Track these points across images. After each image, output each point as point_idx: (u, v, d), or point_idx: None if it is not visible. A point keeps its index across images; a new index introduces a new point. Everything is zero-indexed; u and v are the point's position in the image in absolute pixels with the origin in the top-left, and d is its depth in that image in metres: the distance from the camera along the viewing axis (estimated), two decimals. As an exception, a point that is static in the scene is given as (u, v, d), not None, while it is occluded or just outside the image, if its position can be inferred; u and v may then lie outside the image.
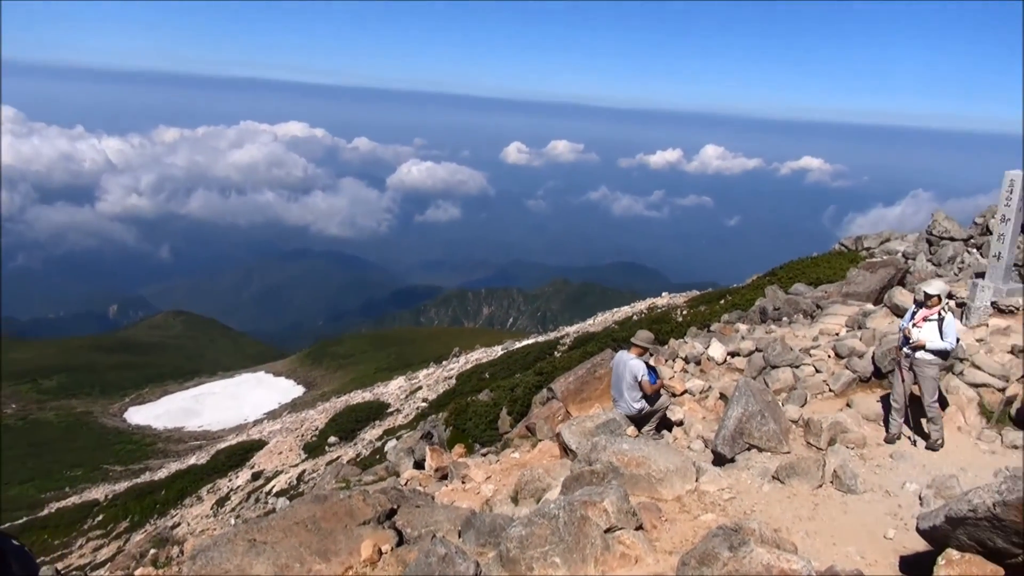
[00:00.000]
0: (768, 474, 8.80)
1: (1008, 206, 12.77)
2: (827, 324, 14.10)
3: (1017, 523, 5.84)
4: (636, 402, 10.40)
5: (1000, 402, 10.73)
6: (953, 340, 9.76)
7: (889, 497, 8.62)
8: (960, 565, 6.05)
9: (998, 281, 13.19)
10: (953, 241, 24.37)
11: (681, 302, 37.00)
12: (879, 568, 7.06)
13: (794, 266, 28.76)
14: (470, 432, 22.18)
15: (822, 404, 11.29)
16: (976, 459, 9.74)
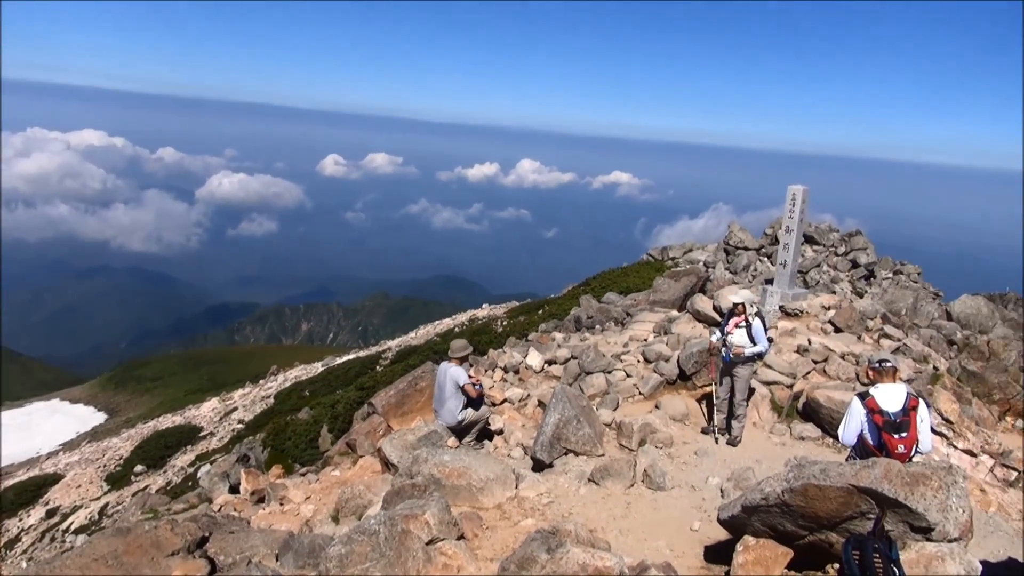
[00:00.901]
0: (584, 477, 9.11)
1: (792, 218, 13.95)
2: (636, 331, 14.81)
3: (803, 507, 6.38)
4: (459, 412, 10.47)
5: (789, 398, 11.68)
6: (764, 343, 10.35)
7: (694, 492, 9.16)
8: (756, 550, 6.52)
9: (784, 287, 14.38)
10: (747, 250, 26.32)
11: (501, 313, 37.64)
12: (686, 559, 7.47)
13: (606, 276, 29.99)
14: (289, 452, 21.50)
15: (633, 407, 11.83)
16: (769, 451, 10.54)
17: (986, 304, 17.54)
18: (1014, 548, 9.24)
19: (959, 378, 12.96)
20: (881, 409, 6.95)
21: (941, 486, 6.34)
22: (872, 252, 26.25)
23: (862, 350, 12.67)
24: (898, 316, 15.55)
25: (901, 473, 6.27)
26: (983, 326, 16.59)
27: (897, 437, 6.88)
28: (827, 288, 21.93)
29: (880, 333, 13.92)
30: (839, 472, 6.31)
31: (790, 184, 14.08)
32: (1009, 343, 13.85)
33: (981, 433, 11.70)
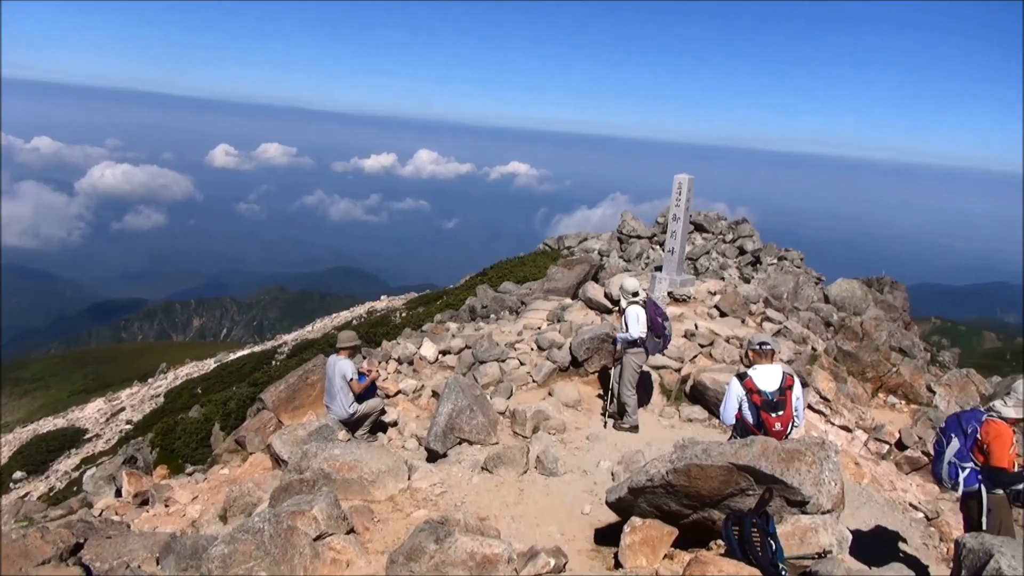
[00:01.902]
0: (478, 466, 9.13)
1: (678, 206, 14.31)
2: (530, 319, 14.93)
3: (687, 487, 6.55)
4: (349, 405, 10.33)
5: (677, 381, 12.01)
6: (633, 330, 10.38)
7: (586, 476, 9.30)
8: (643, 530, 6.67)
9: (672, 273, 14.75)
10: (640, 239, 26.88)
11: (400, 304, 37.38)
12: (577, 542, 7.59)
13: (503, 266, 30.14)
14: (180, 452, 20.79)
15: (527, 395, 11.93)
16: (659, 434, 10.80)
17: (860, 287, 18.48)
18: (885, 517, 9.77)
19: (835, 358, 13.59)
20: (759, 389, 7.21)
21: (815, 461, 6.62)
22: (758, 239, 27.20)
23: (746, 333, 13.12)
24: (780, 300, 16.19)
25: (777, 450, 6.52)
26: (857, 308, 17.46)
27: (774, 416, 7.15)
28: (716, 274, 22.62)
29: (762, 316, 14.47)
30: (720, 451, 6.51)
31: (677, 174, 14.45)
32: (880, 324, 14.63)
33: (856, 409, 12.30)
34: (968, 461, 6.48)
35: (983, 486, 6.46)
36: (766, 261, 25.29)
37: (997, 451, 6.27)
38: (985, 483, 6.43)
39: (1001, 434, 6.29)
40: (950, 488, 6.81)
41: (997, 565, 4.97)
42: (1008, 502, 6.45)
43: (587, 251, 27.56)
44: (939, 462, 6.79)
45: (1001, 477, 6.30)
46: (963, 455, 6.52)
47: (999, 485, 6.37)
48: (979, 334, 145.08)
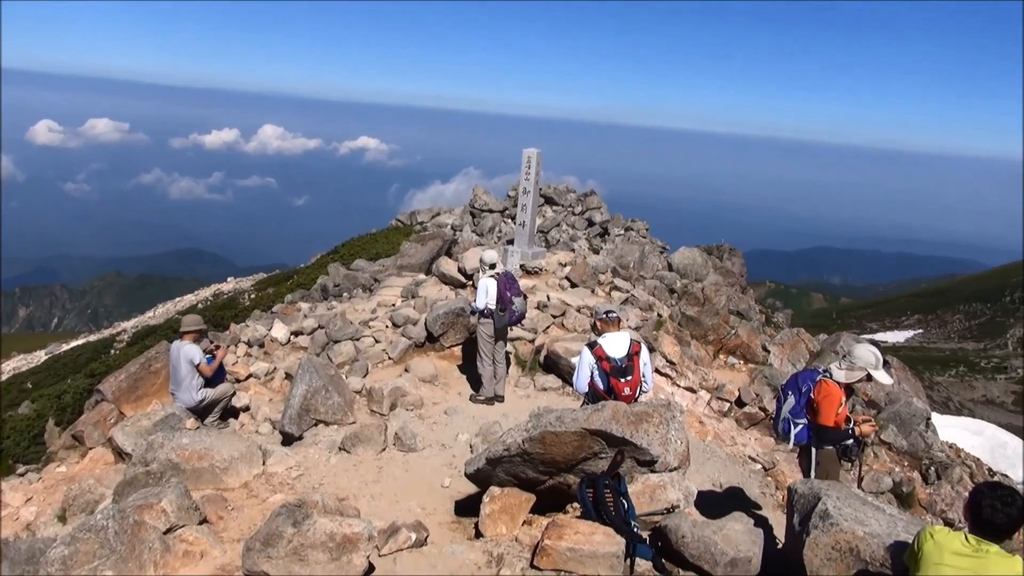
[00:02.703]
0: (335, 446, 9.02)
1: (528, 179, 14.52)
2: (384, 296, 14.82)
3: (543, 454, 6.72)
4: (197, 391, 9.94)
5: (531, 352, 12.25)
6: (478, 302, 10.57)
7: (445, 450, 9.38)
8: (501, 499, 6.80)
9: (524, 246, 14.98)
10: (492, 213, 27.08)
11: (248, 286, 36.13)
12: (438, 515, 7.65)
13: (355, 243, 29.68)
14: (10, 452, 19.36)
15: (383, 372, 11.86)
16: (516, 404, 11.00)
17: (700, 255, 19.41)
18: (727, 470, 10.38)
19: (680, 323, 14.25)
20: (608, 356, 7.46)
21: (661, 422, 6.94)
22: (605, 211, 27.97)
23: (596, 303, 13.54)
24: (627, 269, 16.78)
25: (627, 413, 6.79)
26: (698, 274, 18.35)
27: (623, 381, 7.43)
28: (567, 246, 23.11)
29: (611, 286, 14.96)
30: (573, 418, 6.71)
31: (525, 148, 14.64)
32: (720, 289, 15.40)
33: (699, 371, 12.96)
34: (801, 418, 6.95)
35: (814, 442, 6.96)
36: (614, 232, 26.06)
37: (824, 410, 6.75)
38: (814, 439, 6.94)
39: (830, 394, 6.77)
40: (785, 442, 7.30)
41: (824, 507, 5.40)
42: (837, 457, 6.98)
43: (440, 226, 27.53)
44: (777, 418, 7.27)
45: (826, 434, 6.81)
46: (797, 412, 6.99)
47: (825, 442, 6.88)
48: (808, 295, 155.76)
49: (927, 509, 12.67)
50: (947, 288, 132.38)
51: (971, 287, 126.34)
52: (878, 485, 12.26)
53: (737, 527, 6.13)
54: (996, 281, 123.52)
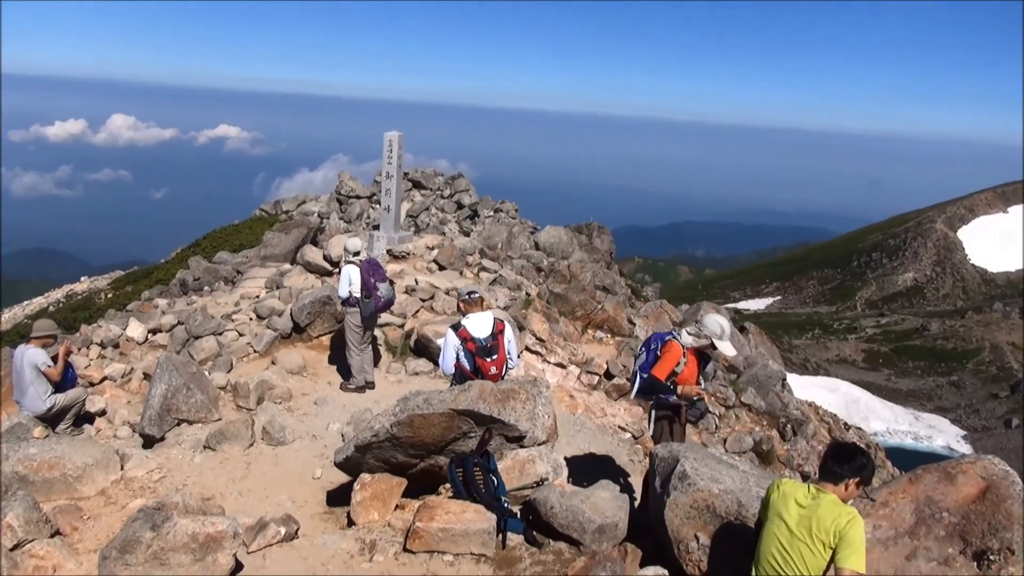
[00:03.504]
0: (200, 445, 8.73)
1: (391, 163, 14.39)
2: (247, 288, 14.39)
3: (412, 437, 6.73)
4: (46, 398, 9.36)
5: (401, 337, 12.20)
6: (341, 290, 10.47)
7: (316, 441, 9.23)
8: (372, 485, 6.77)
9: (390, 231, 14.87)
10: (359, 199, 26.72)
11: (105, 285, 34.29)
12: (309, 507, 7.54)
13: (217, 235, 28.65)
14: None
15: (249, 366, 11.54)
16: (387, 390, 10.93)
17: (566, 233, 19.81)
18: (597, 441, 10.68)
19: (548, 301, 14.51)
20: (473, 337, 7.52)
21: (528, 398, 7.06)
22: (474, 193, 28.08)
23: (464, 285, 13.58)
24: (495, 250, 16.91)
25: (494, 391, 6.87)
26: (565, 252, 18.71)
27: (489, 360, 7.51)
28: (437, 230, 23.09)
29: (479, 267, 15.06)
30: (440, 399, 6.74)
31: (387, 131, 14.50)
32: (586, 266, 15.80)
33: (568, 347, 13.23)
34: (647, 372, 7.24)
35: (654, 397, 7.27)
36: (483, 214, 26.20)
37: (660, 364, 7.05)
38: (651, 392, 7.22)
39: (670, 351, 7.08)
40: (634, 394, 7.60)
41: (682, 468, 5.63)
42: (676, 414, 7.27)
43: (306, 214, 26.90)
44: (633, 374, 7.56)
45: (653, 384, 7.11)
46: (644, 367, 7.28)
47: (654, 391, 7.17)
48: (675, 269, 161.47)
49: (786, 464, 13.43)
50: (801, 256, 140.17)
51: (823, 254, 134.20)
52: (740, 445, 12.90)
53: (604, 495, 6.33)
54: (845, 248, 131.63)
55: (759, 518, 4.62)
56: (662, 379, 7.04)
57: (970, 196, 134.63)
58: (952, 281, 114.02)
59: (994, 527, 5.54)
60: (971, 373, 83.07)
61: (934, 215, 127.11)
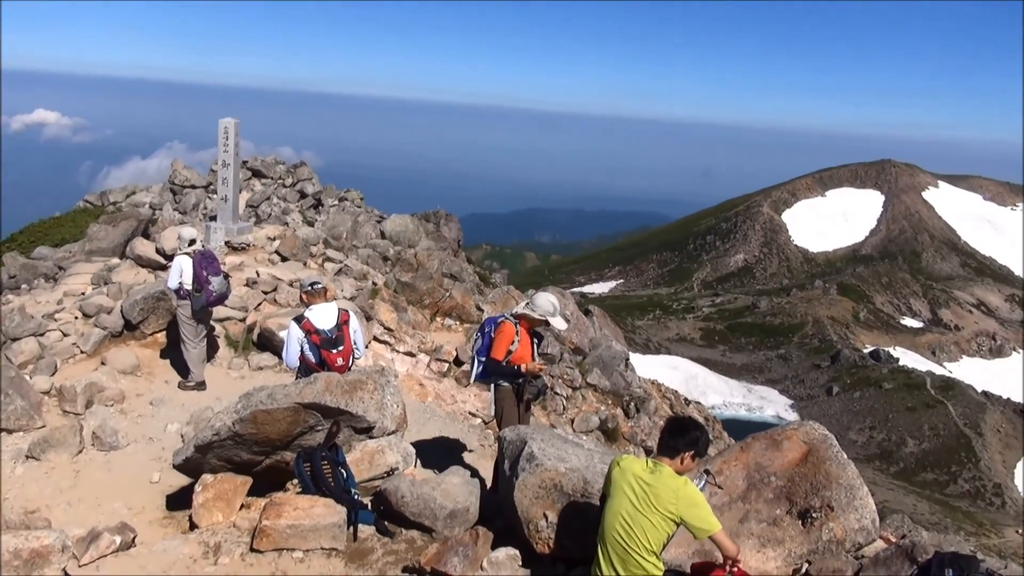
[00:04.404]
0: (22, 455, 8.13)
1: (227, 151, 13.83)
2: (71, 285, 13.45)
3: (255, 434, 6.53)
4: None
5: (243, 331, 11.78)
6: (170, 281, 10.07)
7: (153, 443, 8.80)
8: (215, 486, 6.52)
9: (228, 222, 14.30)
10: (195, 189, 25.52)
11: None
12: (147, 513, 7.18)
13: (36, 228, 26.56)
14: None
15: (75, 368, 10.79)
16: (230, 387, 10.52)
17: (412, 221, 19.72)
18: (448, 428, 10.73)
19: (395, 290, 14.40)
20: (317, 328, 7.37)
21: (376, 388, 7.00)
22: (317, 182, 27.41)
23: (307, 275, 13.27)
24: (339, 240, 16.60)
25: (340, 383, 6.77)
26: (411, 240, 18.62)
27: (335, 352, 7.38)
28: (279, 220, 22.39)
29: (323, 257, 14.75)
30: (285, 393, 6.58)
31: (221, 118, 13.91)
32: (432, 253, 15.78)
33: (417, 335, 13.20)
34: (484, 355, 7.34)
35: (493, 379, 7.38)
36: (328, 203, 25.66)
37: (495, 345, 7.17)
38: (496, 375, 7.34)
39: (502, 331, 7.20)
40: (472, 379, 7.68)
41: (530, 449, 5.75)
42: (513, 394, 7.40)
43: (136, 205, 25.38)
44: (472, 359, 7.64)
45: (493, 366, 7.24)
46: (481, 351, 7.37)
47: (494, 374, 7.30)
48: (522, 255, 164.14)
49: (630, 440, 13.97)
50: (642, 240, 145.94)
51: (661, 238, 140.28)
52: (587, 424, 13.29)
53: (455, 480, 6.38)
54: (681, 232, 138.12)
55: (603, 494, 4.78)
56: (500, 359, 7.15)
57: (792, 181, 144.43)
58: (778, 261, 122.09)
59: (816, 487, 5.98)
60: (796, 346, 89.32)
61: (760, 200, 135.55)
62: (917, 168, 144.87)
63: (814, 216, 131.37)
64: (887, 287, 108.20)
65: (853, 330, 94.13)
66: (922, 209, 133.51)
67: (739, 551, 4.56)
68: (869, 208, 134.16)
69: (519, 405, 7.47)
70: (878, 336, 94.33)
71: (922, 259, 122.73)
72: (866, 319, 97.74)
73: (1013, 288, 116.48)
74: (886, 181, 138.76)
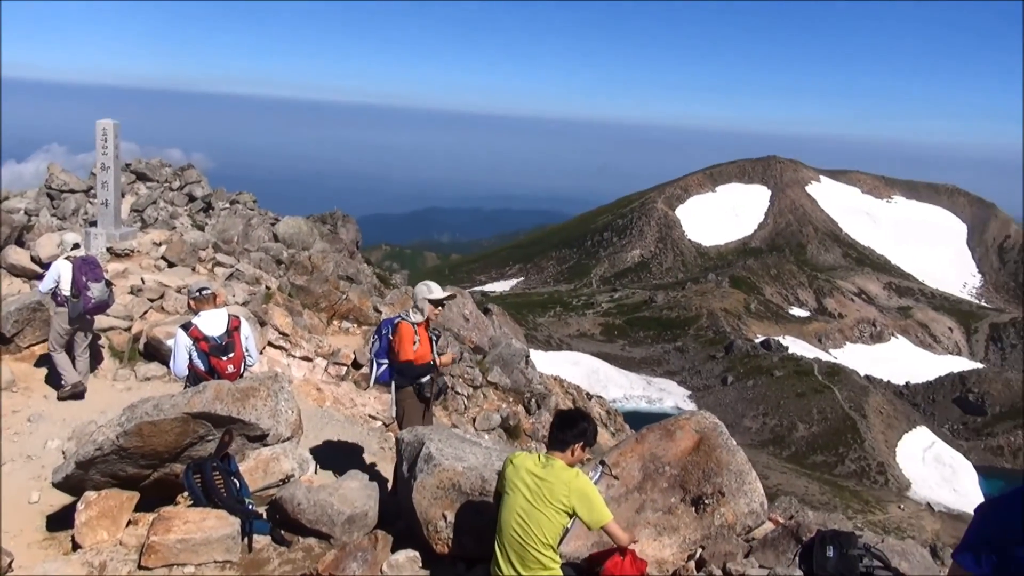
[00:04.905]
0: None
1: (106, 154, 13.27)
2: (-62, 298, 12.67)
3: (142, 447, 6.28)
4: None
5: (128, 341, 11.31)
6: (42, 285, 9.81)
7: (31, 462, 8.36)
8: (99, 502, 6.24)
9: (110, 227, 13.72)
10: (74, 193, 24.35)
11: None
12: (25, 535, 6.83)
13: (-102, 239, 24.89)
14: None
15: (-57, 386, 10.16)
16: (115, 399, 10.08)
17: (306, 223, 19.35)
18: (346, 432, 10.57)
19: (289, 293, 14.10)
20: (206, 335, 7.13)
21: (269, 394, 6.85)
22: (207, 184, 26.56)
23: (195, 280, 12.85)
24: (230, 244, 16.16)
25: (232, 391, 6.59)
26: (305, 243, 18.26)
27: (225, 359, 7.16)
28: (167, 225, 21.58)
29: (213, 262, 14.31)
30: (172, 404, 6.36)
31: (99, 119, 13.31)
32: (327, 256, 15.52)
33: (314, 339, 12.96)
34: (384, 358, 7.30)
35: (394, 380, 7.34)
36: (218, 206, 24.90)
37: (401, 348, 7.15)
38: (398, 377, 7.30)
39: (402, 332, 7.17)
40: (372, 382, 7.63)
41: (428, 450, 5.73)
42: (416, 395, 7.39)
43: (11, 211, 24.04)
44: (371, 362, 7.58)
45: (407, 370, 7.22)
46: (380, 353, 7.33)
47: (406, 376, 7.27)
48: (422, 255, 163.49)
49: (531, 436, 14.09)
50: (541, 238, 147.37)
51: (560, 236, 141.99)
52: (489, 422, 13.34)
53: (353, 485, 6.29)
54: (579, 229, 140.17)
55: (497, 491, 4.81)
56: (413, 359, 7.13)
57: (684, 178, 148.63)
58: (673, 256, 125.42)
59: (707, 474, 6.17)
60: (692, 338, 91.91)
61: (655, 196, 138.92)
62: (800, 164, 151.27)
63: (706, 211, 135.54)
64: (775, 279, 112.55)
65: (745, 321, 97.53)
66: (806, 203, 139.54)
67: (632, 540, 4.66)
68: (757, 203, 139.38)
69: (422, 405, 7.45)
70: (768, 326, 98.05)
71: (807, 251, 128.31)
72: (757, 310, 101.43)
73: (890, 276, 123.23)
74: (772, 176, 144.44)
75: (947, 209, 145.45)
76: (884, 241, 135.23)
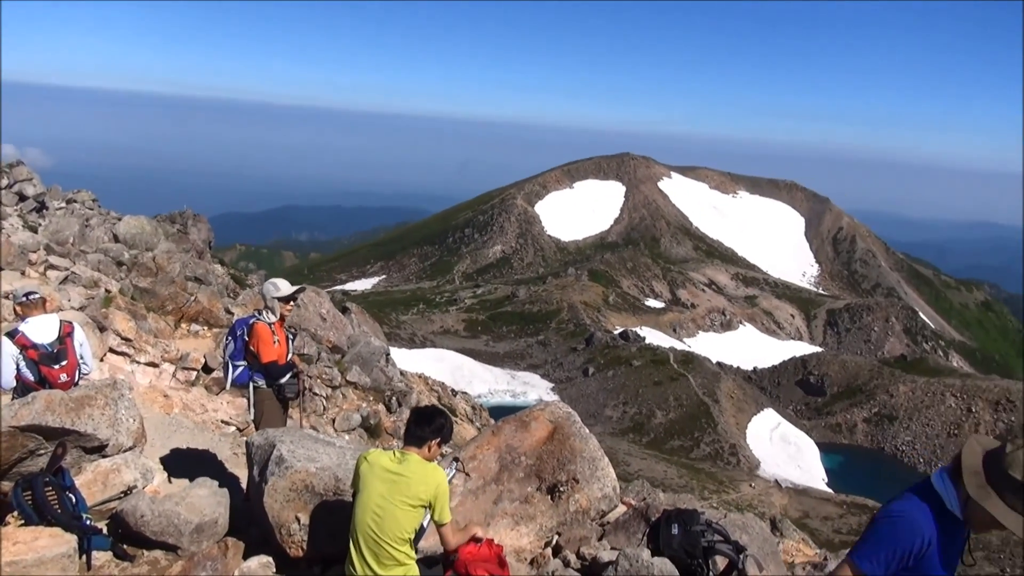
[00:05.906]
0: None
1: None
2: None
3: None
4: None
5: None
6: None
7: None
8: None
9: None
10: None
11: None
12: None
13: None
14: None
15: None
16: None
17: (149, 223, 18.45)
18: (197, 439, 10.16)
19: (132, 297, 13.40)
20: (34, 343, 6.70)
21: (107, 403, 6.50)
22: (39, 182, 24.88)
23: (23, 285, 12.03)
24: (65, 245, 15.19)
25: (64, 401, 6.21)
26: (149, 244, 17.40)
27: (57, 367, 6.76)
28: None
29: (46, 265, 13.43)
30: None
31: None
32: (173, 256, 14.84)
33: (160, 344, 12.38)
34: (241, 360, 7.12)
35: (252, 382, 7.17)
36: (53, 206, 23.38)
37: (262, 350, 6.99)
38: (258, 378, 7.13)
39: (260, 335, 7.02)
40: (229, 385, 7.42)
41: (279, 452, 5.61)
42: (274, 395, 7.25)
43: None
44: (225, 364, 7.36)
45: (271, 370, 7.07)
46: (236, 355, 7.14)
47: (272, 378, 7.12)
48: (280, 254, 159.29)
49: (393, 435, 13.98)
50: (401, 235, 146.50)
51: (421, 233, 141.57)
52: (349, 423, 13.15)
53: (202, 492, 6.06)
54: (440, 225, 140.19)
55: (353, 490, 4.77)
56: (276, 359, 6.98)
57: (543, 174, 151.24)
58: (533, 251, 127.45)
59: (562, 462, 6.33)
60: (554, 332, 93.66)
61: (514, 192, 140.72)
62: (652, 160, 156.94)
63: (564, 207, 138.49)
64: (632, 271, 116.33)
65: (604, 313, 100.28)
66: (658, 198, 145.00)
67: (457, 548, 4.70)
68: (612, 198, 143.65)
69: (281, 407, 7.30)
70: (626, 318, 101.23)
71: (660, 244, 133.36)
72: (615, 302, 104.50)
73: (738, 267, 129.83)
74: (626, 173, 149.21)
75: (787, 203, 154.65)
76: (731, 234, 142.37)
